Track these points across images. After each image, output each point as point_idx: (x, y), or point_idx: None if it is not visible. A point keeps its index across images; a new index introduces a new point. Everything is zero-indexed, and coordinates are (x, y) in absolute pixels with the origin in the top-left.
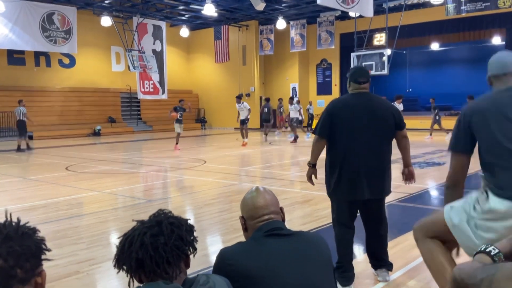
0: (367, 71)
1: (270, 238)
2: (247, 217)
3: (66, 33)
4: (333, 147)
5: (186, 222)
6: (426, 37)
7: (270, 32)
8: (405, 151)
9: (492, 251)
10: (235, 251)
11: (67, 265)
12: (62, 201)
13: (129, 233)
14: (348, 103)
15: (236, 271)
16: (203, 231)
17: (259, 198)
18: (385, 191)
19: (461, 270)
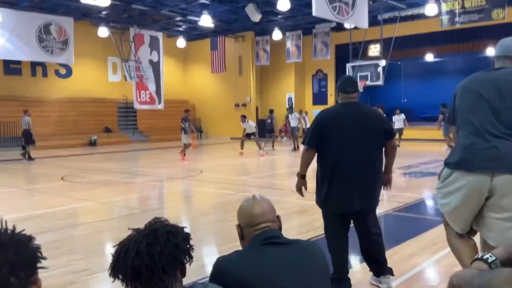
0: (355, 80)
1: (267, 247)
2: (243, 225)
3: (63, 43)
4: (323, 157)
5: (183, 230)
6: (421, 48)
7: (266, 43)
8: (391, 159)
9: (489, 258)
10: (232, 260)
11: (62, 275)
12: (57, 211)
13: (125, 241)
14: (337, 113)
15: (233, 280)
16: (199, 241)
17: (256, 206)
18: (376, 201)
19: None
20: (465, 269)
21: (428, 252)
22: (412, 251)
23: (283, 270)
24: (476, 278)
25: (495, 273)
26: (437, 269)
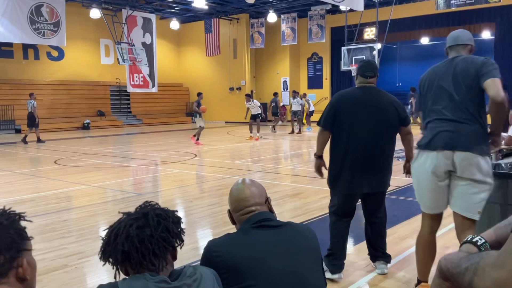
0: (376, 65)
1: (257, 229)
2: (232, 209)
3: (55, 25)
4: (336, 139)
5: (173, 213)
6: (416, 31)
7: (261, 25)
8: (408, 146)
9: (478, 241)
10: (221, 243)
11: (55, 259)
12: (50, 194)
13: (115, 225)
14: (352, 96)
15: (223, 262)
16: (193, 225)
17: (243, 190)
18: (385, 185)
19: (447, 260)
20: (454, 252)
21: None
22: (404, 233)
23: (274, 252)
24: (464, 260)
25: (483, 255)
26: None
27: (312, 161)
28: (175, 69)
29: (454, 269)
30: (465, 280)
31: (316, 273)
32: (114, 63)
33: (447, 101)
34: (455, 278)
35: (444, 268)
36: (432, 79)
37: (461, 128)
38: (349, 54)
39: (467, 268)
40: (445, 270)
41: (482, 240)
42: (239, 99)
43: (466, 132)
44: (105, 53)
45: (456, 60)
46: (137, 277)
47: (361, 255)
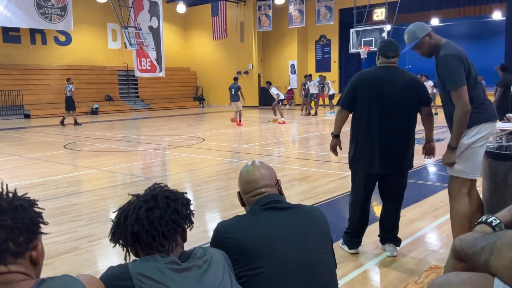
0: (397, 45)
1: (267, 212)
2: (242, 191)
3: (62, 10)
4: (355, 119)
5: (182, 195)
6: (426, 12)
7: (268, 8)
8: (428, 127)
9: (493, 222)
10: (231, 224)
11: (66, 242)
12: (60, 179)
13: (125, 207)
14: (372, 75)
15: (233, 243)
16: (202, 208)
17: (253, 172)
18: (405, 165)
19: (461, 241)
20: (468, 233)
21: (429, 217)
22: (414, 216)
23: (283, 234)
24: (479, 241)
25: (499, 235)
26: (438, 234)
27: (321, 144)
28: (182, 53)
29: (469, 249)
30: (481, 260)
31: (326, 255)
32: (121, 47)
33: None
34: (470, 258)
35: (459, 248)
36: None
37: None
38: (358, 36)
39: (483, 248)
40: (459, 251)
41: (497, 221)
42: (246, 83)
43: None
44: (112, 38)
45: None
46: (147, 258)
47: (370, 237)
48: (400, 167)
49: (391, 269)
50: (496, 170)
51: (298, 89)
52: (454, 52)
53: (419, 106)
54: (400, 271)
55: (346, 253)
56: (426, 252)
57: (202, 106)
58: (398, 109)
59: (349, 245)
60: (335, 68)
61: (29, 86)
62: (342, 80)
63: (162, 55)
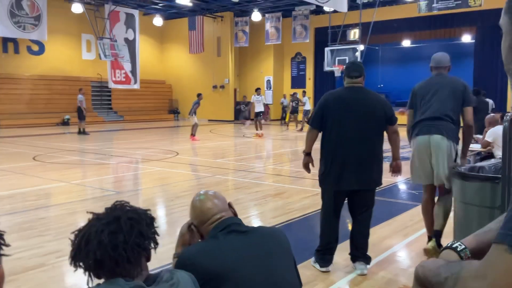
0: (361, 66)
1: (228, 235)
2: (198, 223)
3: (36, 19)
4: (325, 138)
5: (146, 214)
6: (398, 33)
7: (245, 24)
8: (394, 145)
9: (458, 247)
10: (193, 251)
11: (32, 257)
12: (28, 191)
13: (85, 229)
14: (340, 96)
15: (197, 271)
16: (174, 224)
17: (205, 201)
18: (373, 183)
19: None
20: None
21: (399, 236)
22: (384, 234)
23: (246, 256)
24: (442, 269)
25: (463, 265)
26: (408, 252)
27: (296, 160)
28: (158, 66)
29: (433, 277)
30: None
31: (291, 274)
32: (95, 58)
33: (439, 104)
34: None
35: (421, 276)
36: (427, 87)
37: (442, 124)
38: (332, 54)
39: (447, 278)
40: (423, 278)
41: (462, 246)
42: (222, 97)
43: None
44: (87, 48)
45: (441, 77)
46: (111, 282)
47: (342, 255)
48: (368, 185)
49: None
50: (465, 190)
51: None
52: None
53: (385, 125)
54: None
55: (317, 272)
56: (396, 270)
57: (177, 119)
58: (365, 128)
59: (321, 263)
60: (310, 85)
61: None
62: (317, 97)
63: (137, 67)
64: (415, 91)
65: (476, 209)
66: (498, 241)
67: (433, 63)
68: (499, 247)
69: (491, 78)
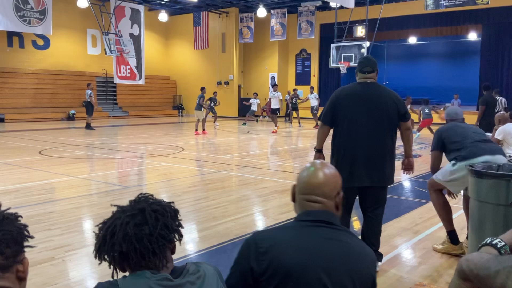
0: (374, 61)
1: (314, 230)
2: (298, 189)
3: (41, 13)
4: (336, 134)
5: (170, 207)
6: (405, 30)
7: (250, 20)
8: (407, 142)
9: (498, 244)
10: (271, 238)
11: (41, 251)
12: (35, 185)
13: (110, 222)
14: (351, 91)
15: (268, 262)
16: (183, 219)
17: (316, 174)
18: (385, 180)
19: (469, 261)
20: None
21: (409, 233)
22: (394, 231)
23: (318, 267)
24: (492, 262)
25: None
26: (419, 250)
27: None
28: (163, 62)
29: (481, 270)
30: (497, 283)
31: None
32: (101, 53)
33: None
34: (482, 280)
35: (466, 269)
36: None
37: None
38: (337, 51)
39: (498, 271)
40: (467, 272)
41: (502, 243)
42: (226, 93)
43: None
44: (92, 44)
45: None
46: (138, 275)
47: None
48: (379, 182)
49: None
50: (479, 188)
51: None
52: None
53: (398, 121)
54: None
55: None
56: (407, 268)
57: (181, 115)
58: (377, 124)
59: None
60: (314, 81)
61: (4, 90)
62: (322, 94)
63: (142, 62)
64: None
65: (491, 207)
66: None
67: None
68: None
69: (497, 75)
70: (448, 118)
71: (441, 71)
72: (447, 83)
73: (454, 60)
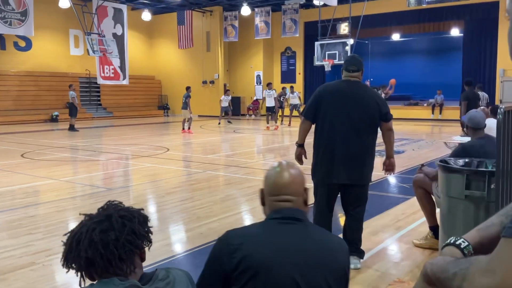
0: (360, 60)
1: (284, 227)
2: (266, 191)
3: (22, 14)
4: (317, 130)
5: (139, 213)
6: (388, 27)
7: (234, 18)
8: (388, 143)
9: (461, 244)
10: (244, 234)
11: (22, 256)
12: (17, 189)
13: (76, 229)
14: (334, 88)
15: (241, 258)
16: (166, 220)
17: (282, 175)
18: (363, 179)
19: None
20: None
21: (391, 229)
22: (376, 228)
23: (291, 262)
24: (451, 265)
25: (471, 261)
26: (401, 246)
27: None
28: (147, 61)
29: (441, 274)
30: (454, 286)
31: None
32: (83, 54)
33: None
34: (442, 283)
35: (430, 273)
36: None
37: None
38: (322, 49)
39: (455, 274)
40: (431, 275)
41: (466, 243)
42: (212, 92)
43: None
44: (75, 44)
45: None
46: (105, 282)
47: None
48: (357, 180)
49: (355, 282)
50: (449, 183)
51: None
52: None
53: (379, 121)
54: (364, 284)
55: None
56: (389, 264)
57: (167, 115)
58: (357, 122)
59: None
60: (300, 79)
61: None
62: (307, 92)
63: (126, 62)
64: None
65: (461, 203)
66: (506, 236)
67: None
68: (507, 241)
69: (479, 71)
70: (472, 125)
71: (424, 67)
72: (431, 79)
73: (437, 56)
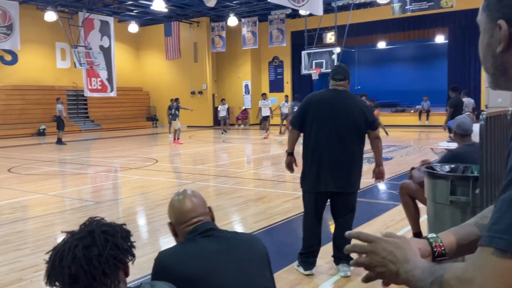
0: (346, 69)
1: (205, 239)
2: (175, 222)
3: (8, 28)
4: (306, 138)
5: (121, 228)
6: (374, 35)
7: (221, 29)
8: (376, 151)
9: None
10: (172, 254)
11: (9, 273)
12: (4, 204)
13: (59, 247)
14: (321, 97)
15: (174, 274)
16: (155, 232)
17: (186, 202)
18: (350, 187)
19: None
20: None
21: None
22: None
23: (224, 260)
24: (428, 275)
25: (445, 268)
26: None
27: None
28: (135, 73)
29: (418, 283)
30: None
31: (266, 280)
32: (70, 67)
33: None
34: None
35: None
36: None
37: None
38: (309, 58)
39: (432, 283)
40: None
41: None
42: (200, 103)
43: None
44: (61, 57)
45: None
46: None
47: (325, 258)
48: (344, 188)
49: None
50: (435, 189)
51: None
52: None
53: (366, 129)
54: None
55: (301, 275)
56: None
57: (155, 126)
58: (344, 130)
59: (304, 267)
60: (288, 88)
61: None
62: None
63: (114, 74)
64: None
65: (447, 208)
66: (484, 244)
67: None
68: (485, 249)
69: (464, 77)
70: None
71: (410, 74)
72: (417, 86)
73: (423, 63)
